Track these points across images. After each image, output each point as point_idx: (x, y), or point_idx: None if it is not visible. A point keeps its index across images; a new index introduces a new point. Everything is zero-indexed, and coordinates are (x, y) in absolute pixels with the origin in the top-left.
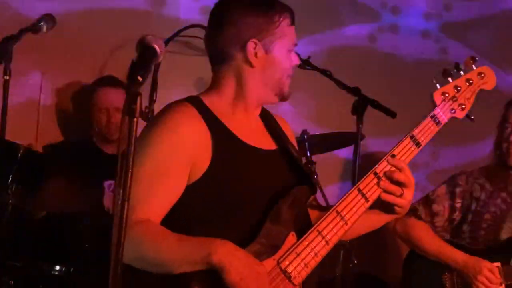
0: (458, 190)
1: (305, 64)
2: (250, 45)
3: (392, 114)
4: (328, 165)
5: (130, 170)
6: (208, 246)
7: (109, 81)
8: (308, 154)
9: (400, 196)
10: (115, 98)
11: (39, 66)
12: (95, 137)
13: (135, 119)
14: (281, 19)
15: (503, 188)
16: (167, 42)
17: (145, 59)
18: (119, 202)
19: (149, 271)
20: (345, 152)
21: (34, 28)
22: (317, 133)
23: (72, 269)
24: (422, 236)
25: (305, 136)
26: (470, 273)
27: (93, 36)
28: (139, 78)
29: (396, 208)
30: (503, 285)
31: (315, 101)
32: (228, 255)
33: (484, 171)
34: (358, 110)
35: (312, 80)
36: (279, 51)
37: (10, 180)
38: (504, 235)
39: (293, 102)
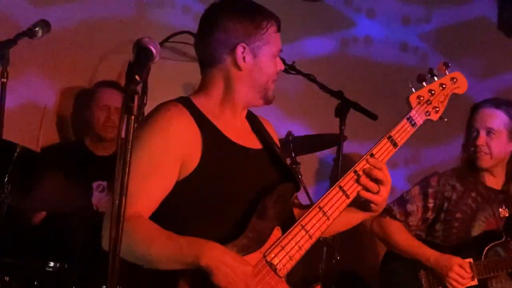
0: (430, 190)
1: (290, 69)
2: (239, 49)
3: (373, 117)
4: (312, 165)
5: (128, 165)
6: (197, 249)
7: (111, 84)
8: (293, 154)
9: (377, 193)
10: (116, 98)
11: (38, 69)
12: (87, 140)
13: (132, 117)
14: (269, 25)
15: (473, 188)
16: (162, 42)
17: (141, 60)
18: (117, 196)
19: (138, 264)
20: (328, 153)
21: (29, 33)
22: (301, 135)
23: (66, 265)
24: (397, 235)
25: (290, 138)
26: (442, 270)
27: (87, 42)
28: (137, 77)
29: (372, 205)
30: (475, 280)
31: (300, 104)
32: (214, 260)
33: (455, 173)
34: (341, 112)
35: (296, 84)
36: (265, 56)
37: (6, 179)
38: (475, 233)
39: (278, 105)
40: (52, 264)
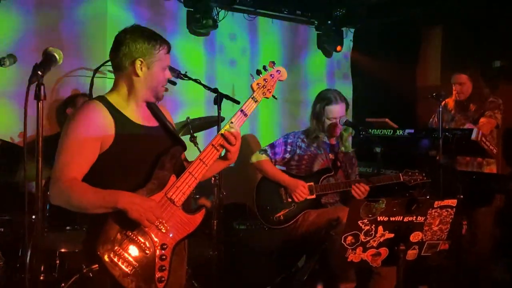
0: (289, 141)
1: (184, 76)
2: (137, 63)
3: (237, 102)
4: (204, 137)
5: (41, 140)
6: (115, 197)
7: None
8: (191, 131)
9: (233, 146)
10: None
11: None
12: None
13: (41, 102)
14: (161, 48)
15: (315, 141)
16: (97, 68)
17: (46, 61)
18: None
19: (74, 211)
20: (212, 129)
21: None
22: (195, 118)
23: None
24: (266, 166)
25: (188, 120)
26: (291, 188)
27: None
28: (39, 72)
29: (229, 155)
30: (314, 195)
31: (193, 98)
32: (127, 202)
33: (305, 131)
34: (217, 101)
35: (188, 85)
36: (157, 69)
37: None
38: (315, 168)
39: (180, 99)
40: (34, 216)
